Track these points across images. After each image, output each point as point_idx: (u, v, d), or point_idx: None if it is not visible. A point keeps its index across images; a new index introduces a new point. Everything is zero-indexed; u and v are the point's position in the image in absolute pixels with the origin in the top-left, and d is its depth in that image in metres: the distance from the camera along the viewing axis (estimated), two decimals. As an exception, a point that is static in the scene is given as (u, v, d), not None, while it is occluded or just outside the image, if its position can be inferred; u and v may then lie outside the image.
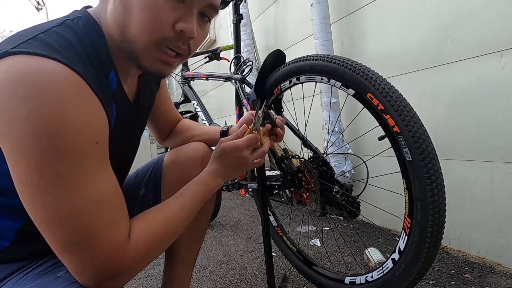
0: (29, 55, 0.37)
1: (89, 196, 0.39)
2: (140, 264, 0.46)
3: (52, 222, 0.38)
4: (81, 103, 0.39)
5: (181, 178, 0.73)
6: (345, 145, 1.53)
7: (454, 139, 1.14)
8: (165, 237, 0.50)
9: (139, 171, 0.79)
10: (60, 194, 0.38)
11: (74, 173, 0.38)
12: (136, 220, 0.47)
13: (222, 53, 1.66)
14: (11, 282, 0.47)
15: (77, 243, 0.39)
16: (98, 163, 0.41)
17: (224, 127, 0.79)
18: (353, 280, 0.81)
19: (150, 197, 0.74)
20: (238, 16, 1.36)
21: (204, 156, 0.75)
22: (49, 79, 0.36)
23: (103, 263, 0.40)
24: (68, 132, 0.37)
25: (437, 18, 1.15)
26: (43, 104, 0.36)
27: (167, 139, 0.86)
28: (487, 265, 1.06)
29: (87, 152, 0.39)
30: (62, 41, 0.41)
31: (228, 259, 1.30)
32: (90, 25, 0.47)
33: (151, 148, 3.43)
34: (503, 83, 0.99)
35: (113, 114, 0.50)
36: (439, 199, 0.60)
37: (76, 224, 0.39)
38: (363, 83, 0.67)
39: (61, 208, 0.38)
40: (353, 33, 1.53)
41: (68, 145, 0.37)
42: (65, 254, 0.40)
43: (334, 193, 0.85)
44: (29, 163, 0.36)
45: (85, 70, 0.41)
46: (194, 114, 1.52)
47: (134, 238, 0.44)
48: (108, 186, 0.43)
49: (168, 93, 0.82)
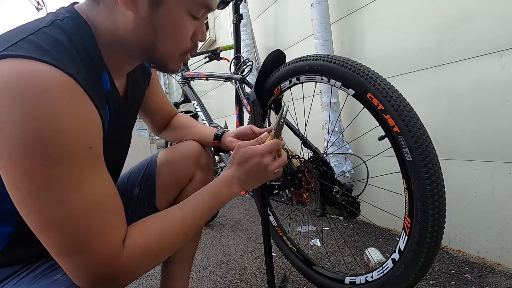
0: (20, 59, 0.36)
1: (81, 201, 0.39)
2: (135, 272, 0.45)
3: (45, 227, 0.38)
4: (74, 107, 0.38)
5: (175, 177, 0.74)
6: (345, 145, 1.53)
7: (454, 139, 1.14)
8: (163, 248, 0.48)
9: (133, 171, 0.78)
10: (51, 199, 0.37)
11: (66, 178, 0.37)
12: (134, 227, 0.46)
13: (222, 53, 1.66)
14: (7, 286, 0.47)
15: (71, 248, 0.39)
16: (91, 168, 0.41)
17: (219, 131, 0.79)
18: (353, 280, 0.81)
19: (144, 196, 0.74)
20: (238, 16, 1.36)
21: (198, 155, 0.75)
22: (41, 83, 0.36)
23: (97, 267, 0.40)
24: (60, 137, 0.37)
25: (437, 18, 1.15)
26: (35, 108, 0.35)
27: (163, 132, 0.86)
28: (487, 265, 1.06)
29: (79, 157, 0.39)
30: (53, 42, 0.40)
31: (228, 259, 1.30)
32: (80, 25, 0.46)
33: (151, 148, 3.42)
34: (503, 83, 0.99)
35: (107, 116, 0.50)
36: (439, 199, 0.60)
37: (69, 229, 0.38)
38: (363, 83, 0.67)
39: (53, 213, 0.37)
40: (353, 33, 1.53)
41: (60, 150, 0.37)
42: (61, 258, 0.40)
43: (334, 193, 0.85)
44: (20, 168, 0.36)
45: (78, 72, 0.40)
46: (194, 114, 1.52)
47: (129, 245, 0.43)
48: (103, 191, 0.42)
49: (161, 88, 0.82)
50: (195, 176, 0.75)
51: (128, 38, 0.48)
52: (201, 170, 0.76)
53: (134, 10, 0.46)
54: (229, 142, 0.75)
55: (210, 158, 0.80)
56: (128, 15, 0.46)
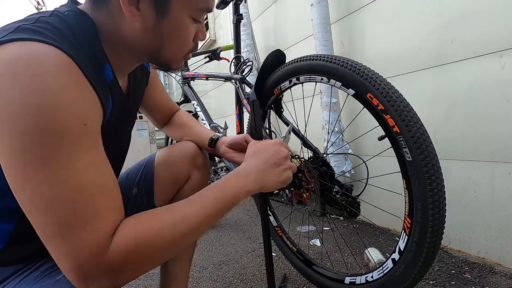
0: (21, 42, 0.36)
1: (71, 181, 0.37)
2: (127, 268, 0.40)
3: (35, 208, 0.36)
4: (68, 82, 0.38)
5: (172, 176, 0.75)
6: (345, 145, 1.53)
7: (454, 139, 1.14)
8: (156, 248, 0.42)
9: (130, 171, 0.79)
10: (41, 178, 0.35)
11: (56, 154, 0.36)
12: (127, 220, 0.42)
13: (222, 53, 1.66)
14: (9, 286, 0.47)
15: (58, 233, 0.36)
16: (85, 147, 0.38)
17: (214, 136, 0.79)
18: (353, 280, 0.81)
19: (143, 196, 0.75)
20: (238, 16, 1.36)
21: (194, 155, 0.76)
22: (37, 56, 0.36)
23: (84, 256, 0.37)
24: (52, 111, 0.36)
25: (437, 18, 1.15)
26: (28, 84, 0.35)
27: (166, 127, 0.89)
28: (487, 265, 1.06)
29: (71, 132, 0.37)
30: (52, 29, 0.40)
31: (228, 259, 1.30)
32: (83, 19, 0.47)
33: (151, 148, 3.42)
34: (503, 83, 0.99)
35: (109, 105, 0.50)
36: (439, 199, 0.60)
37: (57, 210, 0.36)
38: (363, 83, 0.67)
39: (42, 193, 0.36)
40: (353, 33, 1.53)
41: (51, 125, 0.36)
42: (49, 242, 0.37)
43: (334, 193, 0.85)
44: (13, 145, 0.35)
45: (77, 56, 0.40)
46: (194, 114, 1.52)
47: (117, 239, 0.39)
48: (97, 173, 0.40)
49: (161, 85, 0.83)
50: (192, 175, 0.76)
51: (134, 43, 0.50)
52: (198, 169, 0.77)
53: (141, 21, 0.47)
54: (223, 152, 0.76)
55: (207, 158, 0.82)
56: (134, 25, 0.47)
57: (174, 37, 0.51)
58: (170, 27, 0.49)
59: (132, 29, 0.48)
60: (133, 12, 0.45)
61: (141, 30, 0.48)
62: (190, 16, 0.50)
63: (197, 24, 0.53)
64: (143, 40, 0.49)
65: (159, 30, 0.49)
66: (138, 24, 0.47)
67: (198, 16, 0.51)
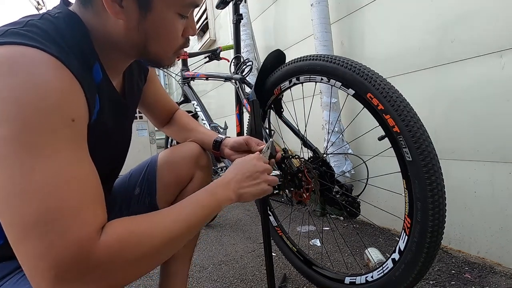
0: (6, 45, 0.37)
1: (56, 171, 0.36)
2: (113, 269, 0.38)
3: (14, 196, 0.35)
4: (56, 78, 0.38)
5: (175, 176, 0.76)
6: (345, 145, 1.53)
7: (454, 139, 1.14)
8: (147, 246, 0.42)
9: (133, 172, 0.80)
10: (25, 167, 0.35)
11: (43, 145, 0.36)
12: (117, 220, 0.42)
13: (222, 53, 1.66)
14: (11, 281, 0.46)
15: (39, 225, 0.34)
16: (70, 142, 0.39)
17: (218, 138, 0.80)
18: (353, 280, 0.81)
19: (145, 196, 0.76)
20: (238, 16, 1.36)
21: (197, 155, 0.77)
22: (25, 56, 0.37)
23: (66, 252, 0.35)
24: (39, 104, 0.36)
25: (437, 18, 1.15)
26: (14, 78, 0.36)
27: (166, 128, 0.89)
28: (487, 265, 1.06)
29: (58, 127, 0.38)
30: (40, 32, 0.41)
31: (228, 259, 1.30)
32: (73, 20, 0.47)
33: (151, 148, 3.42)
34: (503, 83, 0.99)
35: (96, 105, 0.50)
36: (439, 199, 0.60)
37: (39, 201, 0.35)
38: (363, 83, 0.67)
39: (25, 182, 0.35)
40: (353, 33, 1.53)
41: (38, 117, 0.36)
42: (26, 238, 0.35)
43: (334, 193, 0.85)
44: None
45: (65, 58, 0.40)
46: (194, 114, 1.52)
47: (108, 232, 0.38)
48: (80, 168, 0.39)
49: (160, 84, 0.83)
50: (195, 176, 0.77)
51: (120, 41, 0.50)
52: (201, 170, 0.77)
53: (124, 19, 0.47)
54: (227, 154, 0.78)
55: (210, 159, 0.82)
56: (118, 22, 0.48)
57: (160, 34, 0.51)
58: (155, 24, 0.49)
59: (116, 26, 0.48)
60: (116, 9, 0.46)
61: (125, 27, 0.48)
62: (176, 12, 0.50)
63: (185, 19, 0.52)
64: (128, 37, 0.49)
65: (144, 26, 0.49)
66: (122, 22, 0.47)
67: (185, 11, 0.51)
